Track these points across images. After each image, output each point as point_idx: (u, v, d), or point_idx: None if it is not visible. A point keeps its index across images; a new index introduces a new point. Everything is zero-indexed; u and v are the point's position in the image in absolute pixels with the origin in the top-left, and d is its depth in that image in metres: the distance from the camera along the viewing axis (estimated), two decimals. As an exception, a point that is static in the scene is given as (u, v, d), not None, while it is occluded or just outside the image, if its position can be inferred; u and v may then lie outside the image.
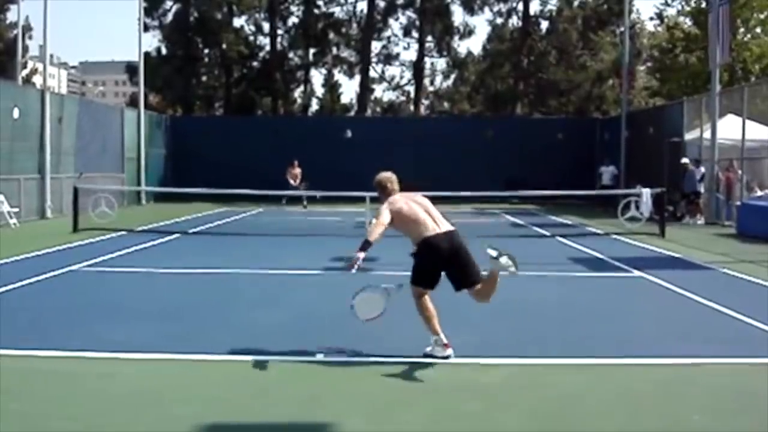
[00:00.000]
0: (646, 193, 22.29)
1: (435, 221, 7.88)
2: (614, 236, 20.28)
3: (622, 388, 6.64)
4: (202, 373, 7.06)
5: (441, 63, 53.55)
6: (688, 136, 27.56)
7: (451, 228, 7.91)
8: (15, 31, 41.44)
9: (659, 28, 47.62)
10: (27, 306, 10.29)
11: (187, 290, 11.78)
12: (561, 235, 20.38)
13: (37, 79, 56.65)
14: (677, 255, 16.30)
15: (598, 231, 21.96)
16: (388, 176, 8.48)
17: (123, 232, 19.89)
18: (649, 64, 49.08)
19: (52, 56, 76.18)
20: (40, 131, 25.28)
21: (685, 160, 25.93)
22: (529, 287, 12.29)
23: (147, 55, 41.88)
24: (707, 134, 25.35)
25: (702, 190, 24.90)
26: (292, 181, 31.65)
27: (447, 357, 7.54)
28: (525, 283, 12.79)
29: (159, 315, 9.69)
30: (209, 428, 5.53)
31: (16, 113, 23.88)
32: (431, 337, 7.64)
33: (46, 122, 25.40)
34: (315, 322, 9.33)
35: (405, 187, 8.38)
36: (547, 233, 21.35)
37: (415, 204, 8.05)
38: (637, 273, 13.54)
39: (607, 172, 32.60)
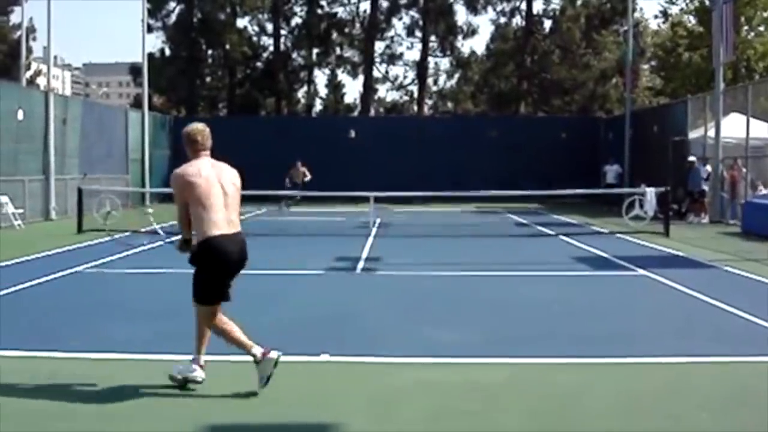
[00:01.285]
0: (651, 192, 22.28)
1: (229, 216, 6.37)
2: (618, 235, 20.26)
3: (624, 387, 6.63)
4: (206, 373, 7.06)
5: (444, 63, 53.49)
6: (692, 134, 27.53)
7: (239, 229, 6.47)
8: (19, 33, 41.58)
9: (663, 26, 47.65)
10: (32, 307, 10.31)
11: (190, 291, 11.76)
12: (565, 234, 20.37)
13: (41, 81, 56.74)
14: (681, 254, 16.29)
15: (603, 230, 21.95)
16: (201, 128, 6.81)
17: (127, 233, 19.91)
18: (653, 62, 49.07)
19: (56, 58, 76.29)
20: (45, 133, 25.34)
21: (691, 158, 25.92)
22: (532, 286, 12.30)
23: (150, 56, 41.92)
24: (711, 133, 25.32)
25: (706, 188, 24.86)
26: (289, 182, 31.40)
27: (199, 381, 6.41)
28: (528, 282, 12.82)
29: (162, 315, 9.70)
30: (211, 428, 5.53)
31: (20, 115, 23.94)
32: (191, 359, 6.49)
33: (50, 124, 25.45)
34: (319, 322, 9.32)
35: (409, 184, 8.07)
36: (551, 232, 21.34)
37: (218, 183, 6.43)
38: (641, 272, 13.52)
39: (612, 171, 32.58)
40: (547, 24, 51.12)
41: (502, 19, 51.21)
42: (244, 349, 6.36)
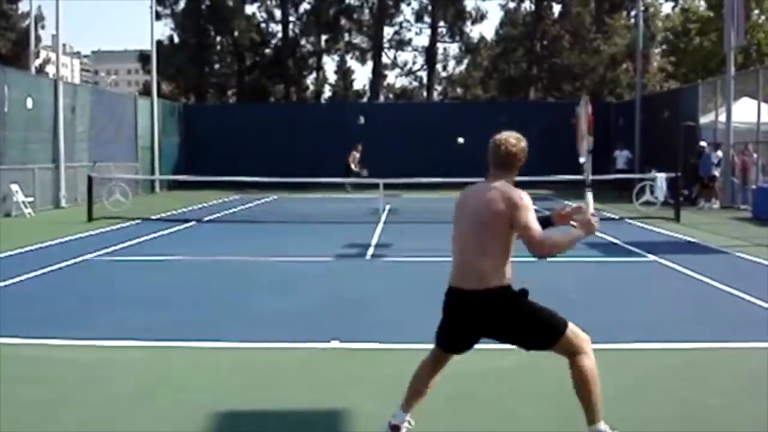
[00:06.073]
0: (661, 177, 22.20)
1: (461, 257, 4.99)
2: (629, 221, 20.21)
3: (638, 373, 6.61)
4: (217, 361, 7.08)
5: (453, 48, 53.35)
6: (703, 119, 27.40)
7: (475, 287, 4.89)
8: (27, 21, 41.59)
9: (674, 11, 47.42)
10: (42, 295, 10.33)
11: (202, 278, 11.80)
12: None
13: (50, 69, 56.73)
14: (692, 239, 16.23)
15: (613, 216, 21.89)
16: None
17: (137, 221, 19.94)
18: (663, 47, 48.84)
19: (64, 46, 76.42)
20: (54, 121, 25.34)
21: (702, 143, 25.82)
22: (543, 273, 12.25)
23: (159, 43, 41.90)
24: (722, 117, 25.19)
25: (717, 173, 24.76)
26: (353, 166, 31.77)
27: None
28: (540, 267, 12.77)
29: (173, 303, 9.71)
30: (224, 415, 5.54)
31: (29, 103, 23.94)
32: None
33: (59, 112, 25.46)
34: (329, 309, 9.32)
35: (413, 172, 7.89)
36: (562, 218, 21.24)
37: (467, 208, 5.00)
38: (651, 257, 13.48)
39: (622, 156, 32.40)
40: (557, 9, 51.03)
41: (512, 4, 51.23)
42: (405, 399, 5.27)
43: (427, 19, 50.46)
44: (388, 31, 50.68)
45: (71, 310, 9.31)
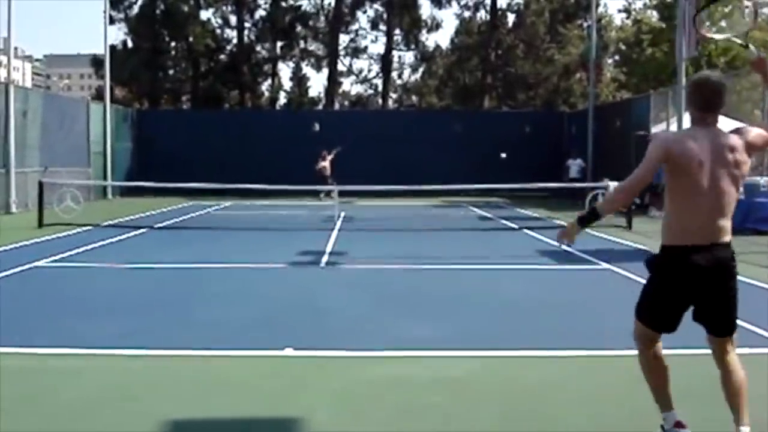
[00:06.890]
0: (614, 185, 22.40)
1: (711, 213, 4.66)
2: (582, 229, 20.33)
3: (589, 380, 6.65)
4: (170, 369, 7.00)
5: (409, 56, 53.72)
6: (655, 129, 27.75)
7: (725, 241, 4.70)
8: (-22, 24, 40.93)
9: (627, 21, 48.01)
10: (-10, 302, 10.16)
11: (154, 285, 11.68)
12: (529, 228, 20.45)
13: (1, 72, 55.98)
14: (644, 247, 16.39)
15: (566, 224, 21.99)
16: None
17: (89, 227, 19.70)
18: (616, 57, 49.41)
19: (16, 49, 75.35)
20: (5, 125, 24.99)
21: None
22: (498, 280, 12.33)
23: (113, 48, 41.55)
24: (674, 127, 25.52)
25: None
26: (317, 169, 32.38)
27: None
28: (494, 275, 12.85)
29: (125, 310, 9.60)
30: (175, 424, 5.48)
31: (-21, 107, 23.61)
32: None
33: (10, 116, 25.11)
34: (283, 316, 9.28)
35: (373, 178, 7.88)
36: (515, 226, 21.41)
37: (710, 158, 4.62)
38: (604, 265, 13.59)
39: (575, 165, 32.67)
40: (511, 18, 51.41)
41: (467, 13, 51.54)
42: (659, 403, 5.28)
43: (382, 27, 50.61)
44: (343, 39, 50.82)
45: (19, 317, 9.16)
